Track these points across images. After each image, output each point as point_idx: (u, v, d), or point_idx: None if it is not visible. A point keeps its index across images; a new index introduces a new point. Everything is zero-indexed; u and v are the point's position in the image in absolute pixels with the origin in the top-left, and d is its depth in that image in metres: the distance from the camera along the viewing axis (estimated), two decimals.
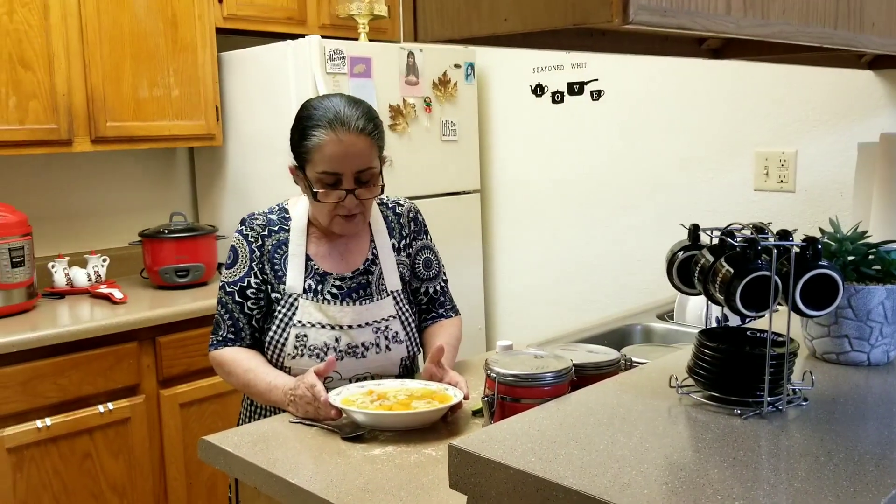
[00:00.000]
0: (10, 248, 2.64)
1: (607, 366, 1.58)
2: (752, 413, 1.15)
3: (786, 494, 0.91)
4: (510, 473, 0.98)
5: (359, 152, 1.75)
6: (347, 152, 1.74)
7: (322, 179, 1.76)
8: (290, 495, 1.39)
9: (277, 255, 1.86)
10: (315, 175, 1.77)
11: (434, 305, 2.03)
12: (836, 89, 2.59)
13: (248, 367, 1.81)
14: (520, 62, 3.45)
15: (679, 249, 1.36)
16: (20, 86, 2.69)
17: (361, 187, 1.78)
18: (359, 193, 1.78)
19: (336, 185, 1.76)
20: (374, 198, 1.83)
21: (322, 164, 1.75)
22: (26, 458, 2.46)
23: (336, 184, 1.76)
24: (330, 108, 1.76)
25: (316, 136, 1.74)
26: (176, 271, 3.03)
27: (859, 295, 1.34)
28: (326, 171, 1.75)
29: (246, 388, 1.82)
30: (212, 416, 2.86)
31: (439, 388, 1.70)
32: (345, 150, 1.74)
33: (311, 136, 1.75)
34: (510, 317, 3.69)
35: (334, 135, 1.73)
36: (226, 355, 1.85)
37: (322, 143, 1.74)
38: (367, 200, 1.81)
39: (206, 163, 3.48)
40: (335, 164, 1.74)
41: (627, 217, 3.19)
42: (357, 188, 1.77)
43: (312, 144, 1.75)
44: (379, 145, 1.80)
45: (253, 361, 1.82)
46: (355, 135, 1.74)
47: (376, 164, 1.80)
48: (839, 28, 1.31)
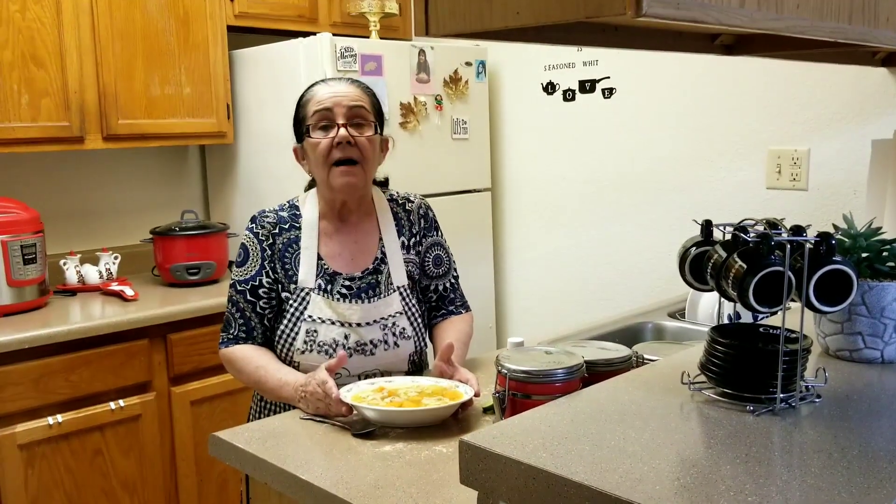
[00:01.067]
0: (23, 246, 2.66)
1: (619, 362, 1.57)
2: (764, 410, 1.14)
3: (799, 491, 0.90)
4: (521, 469, 0.98)
5: (348, 94, 1.85)
6: (336, 93, 1.84)
7: (316, 124, 1.83)
8: (301, 491, 1.39)
9: (288, 253, 1.86)
10: (310, 123, 1.83)
11: (444, 302, 2.02)
12: (850, 87, 2.57)
13: (259, 363, 1.81)
14: (531, 60, 3.44)
15: (691, 245, 1.35)
16: (33, 83, 2.71)
17: (354, 127, 1.83)
18: (351, 131, 1.81)
19: (329, 128, 1.82)
20: (369, 142, 1.84)
21: (314, 107, 1.83)
22: (38, 454, 2.47)
23: (329, 127, 1.82)
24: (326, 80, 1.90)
25: (309, 91, 1.89)
26: (187, 269, 3.03)
27: (873, 292, 1.32)
28: (318, 110, 1.82)
29: (257, 385, 1.83)
30: (222, 414, 2.86)
31: (450, 384, 1.70)
32: (334, 92, 1.85)
33: (305, 95, 1.89)
34: (521, 314, 3.68)
35: (325, 84, 1.88)
36: (236, 353, 1.85)
37: (314, 92, 1.87)
38: (365, 146, 1.83)
39: (218, 160, 3.49)
40: (326, 102, 1.83)
41: (639, 215, 3.18)
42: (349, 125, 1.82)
43: (305, 99, 1.88)
44: (372, 101, 1.88)
45: (263, 358, 1.83)
46: (346, 83, 1.88)
47: (369, 110, 1.86)
48: (853, 23, 1.30)
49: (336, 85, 1.86)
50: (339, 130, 1.80)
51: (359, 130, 1.83)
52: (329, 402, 1.63)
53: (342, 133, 1.80)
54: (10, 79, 2.66)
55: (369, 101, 1.87)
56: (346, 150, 1.80)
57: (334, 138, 1.80)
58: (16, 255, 2.63)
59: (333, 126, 1.81)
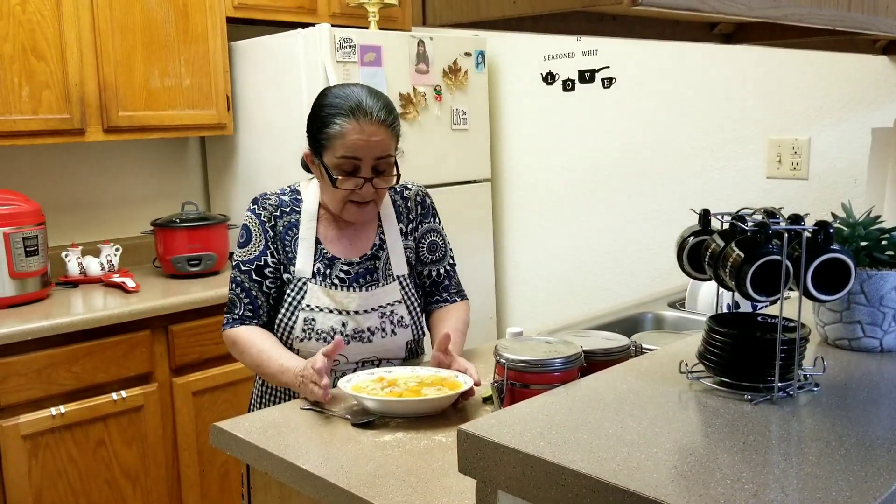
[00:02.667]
0: (24, 238, 2.66)
1: (617, 352, 1.57)
2: (762, 398, 1.15)
3: (796, 479, 0.91)
4: (519, 457, 0.98)
5: (379, 142, 1.77)
6: (369, 141, 1.76)
7: (341, 166, 1.78)
8: (302, 481, 1.40)
9: (288, 237, 1.87)
10: (334, 161, 1.78)
11: (438, 289, 2.03)
12: (851, 75, 2.56)
13: (262, 347, 1.81)
14: (530, 50, 3.44)
15: (689, 234, 1.35)
16: (33, 76, 2.71)
17: (378, 176, 1.80)
18: (375, 182, 1.80)
19: (354, 173, 1.78)
20: (388, 186, 1.85)
21: (343, 150, 1.77)
22: (41, 444, 2.48)
23: (354, 171, 1.78)
24: (352, 97, 1.78)
25: (338, 123, 1.76)
26: (188, 260, 3.04)
27: (872, 280, 1.32)
28: (346, 156, 1.77)
29: (258, 369, 1.83)
30: (224, 404, 2.87)
31: (449, 374, 1.70)
32: (366, 139, 1.76)
33: (332, 123, 1.77)
34: (521, 305, 3.69)
35: (357, 123, 1.76)
36: (241, 334, 1.85)
37: (344, 131, 1.76)
38: (382, 190, 1.83)
39: (218, 152, 3.49)
40: (356, 151, 1.76)
41: (639, 205, 3.18)
42: (374, 177, 1.79)
43: (334, 132, 1.77)
44: (396, 136, 1.83)
45: (267, 342, 1.83)
46: (376, 125, 1.77)
47: (393, 154, 1.82)
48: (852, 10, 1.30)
49: (366, 125, 1.76)
50: (363, 185, 1.79)
51: (382, 179, 1.81)
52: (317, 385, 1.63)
53: (367, 191, 1.80)
54: (10, 71, 2.66)
55: (394, 140, 1.83)
56: (365, 196, 1.81)
57: (357, 188, 1.79)
58: (18, 248, 2.64)
59: (357, 170, 1.79)
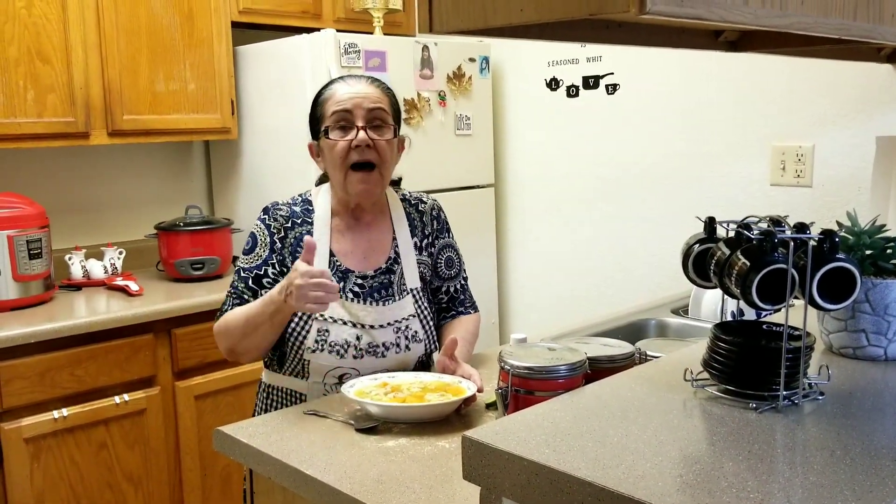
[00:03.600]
0: (28, 240, 2.67)
1: (621, 359, 1.57)
2: (767, 407, 1.15)
3: (801, 488, 0.91)
4: (524, 465, 0.98)
5: (368, 95, 1.82)
6: (357, 93, 1.82)
7: (334, 124, 1.81)
8: (305, 486, 1.40)
9: (300, 248, 1.83)
10: (328, 123, 1.81)
11: (454, 304, 2.02)
12: (855, 83, 2.56)
13: (240, 311, 1.78)
14: (535, 56, 3.44)
15: (695, 242, 1.35)
16: (38, 79, 2.71)
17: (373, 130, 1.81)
18: (370, 134, 1.80)
19: (348, 129, 1.81)
20: (387, 144, 1.82)
21: (333, 107, 1.81)
22: (43, 447, 2.48)
23: (348, 128, 1.81)
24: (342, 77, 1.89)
25: (328, 89, 1.86)
26: (191, 264, 3.04)
27: (877, 289, 1.32)
28: (337, 110, 1.80)
29: (251, 329, 1.76)
30: (226, 409, 2.87)
31: (453, 380, 1.70)
32: (354, 92, 1.82)
33: (323, 93, 1.86)
34: (524, 311, 3.69)
35: (344, 83, 1.85)
36: (222, 320, 1.81)
37: (333, 91, 1.84)
38: (383, 149, 1.81)
39: (222, 156, 3.49)
40: (346, 103, 1.80)
41: (642, 212, 3.18)
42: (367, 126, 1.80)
43: (325, 97, 1.85)
44: (392, 102, 1.87)
45: (244, 307, 1.79)
46: (366, 83, 1.85)
47: (388, 112, 1.84)
48: (858, 19, 1.30)
49: (356, 84, 1.83)
50: (357, 133, 1.78)
51: (378, 133, 1.80)
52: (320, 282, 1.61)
53: (361, 136, 1.78)
54: (15, 74, 2.66)
55: (389, 103, 1.85)
56: (364, 153, 1.79)
57: (352, 141, 1.78)
58: (21, 250, 2.64)
59: (352, 128, 1.79)
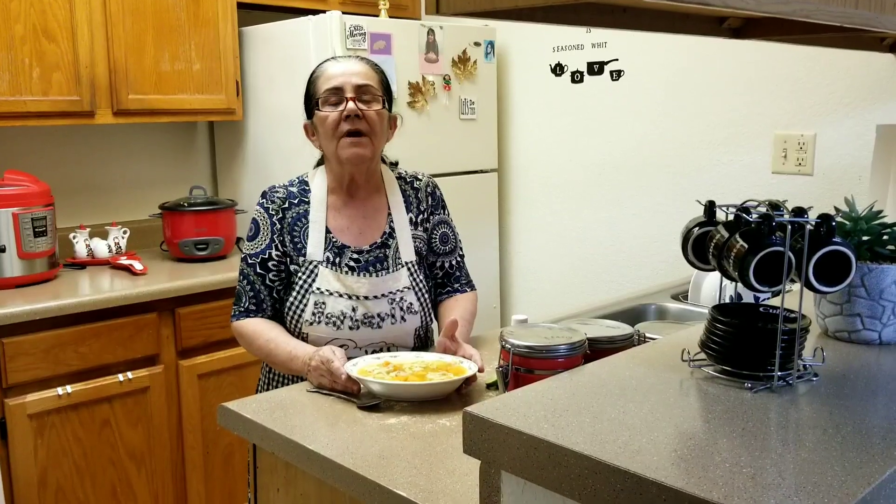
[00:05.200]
0: (33, 218, 2.69)
1: (620, 340, 1.59)
2: (762, 387, 1.17)
3: (793, 464, 0.93)
4: (523, 439, 1.00)
5: (357, 70, 1.88)
6: (346, 70, 1.89)
7: (326, 100, 1.86)
8: (308, 461, 1.43)
9: (297, 226, 1.89)
10: (320, 99, 1.87)
11: (450, 280, 2.05)
12: (857, 72, 2.57)
13: (270, 337, 1.85)
14: (539, 41, 3.45)
15: (694, 225, 1.37)
16: (44, 57, 2.72)
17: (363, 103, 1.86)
18: (360, 105, 1.85)
19: (339, 103, 1.86)
20: (377, 115, 1.87)
21: (324, 83, 1.87)
22: (47, 424, 2.51)
23: (339, 102, 1.86)
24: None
25: (319, 68, 1.93)
26: (195, 244, 3.06)
27: (873, 274, 1.34)
28: (328, 87, 1.86)
29: (268, 358, 1.87)
30: (229, 387, 2.90)
31: (454, 360, 1.73)
32: (344, 69, 1.89)
33: (315, 72, 1.93)
34: (525, 295, 3.71)
35: (335, 62, 1.92)
36: (248, 326, 1.89)
37: (324, 68, 1.91)
38: (373, 119, 1.86)
39: (226, 137, 3.50)
40: (336, 79, 1.86)
41: (644, 197, 3.20)
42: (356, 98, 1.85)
43: (316, 75, 1.92)
44: (381, 80, 1.91)
45: (274, 332, 1.86)
46: (356, 61, 1.93)
47: (377, 87, 1.89)
48: (860, 7, 1.31)
49: (346, 62, 1.90)
50: (347, 104, 1.84)
51: (367, 105, 1.86)
52: (335, 379, 1.67)
53: (350, 106, 1.84)
54: (21, 52, 2.67)
55: (378, 79, 1.91)
56: (354, 122, 1.84)
57: (343, 111, 1.84)
58: (27, 228, 2.66)
59: (342, 101, 1.85)
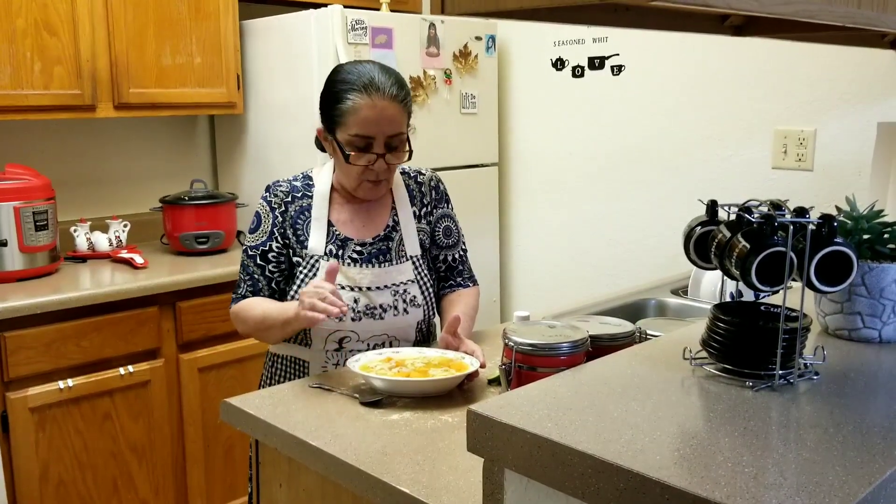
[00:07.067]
0: (34, 212, 2.69)
1: (622, 337, 1.60)
2: (763, 385, 1.17)
3: (794, 463, 0.94)
4: (527, 438, 1.01)
5: (391, 117, 1.80)
6: (381, 117, 1.78)
7: (354, 142, 1.81)
8: (310, 457, 1.43)
9: (300, 220, 1.90)
10: (347, 138, 1.81)
11: (452, 274, 2.06)
12: (858, 69, 2.58)
13: (261, 307, 1.84)
14: (541, 36, 3.45)
15: (696, 224, 1.37)
16: (45, 51, 2.72)
17: (391, 152, 1.83)
18: (388, 158, 1.82)
19: (367, 149, 1.81)
20: (400, 163, 1.87)
21: (356, 127, 1.79)
22: (48, 417, 2.52)
23: (367, 147, 1.81)
24: (364, 73, 1.80)
25: (351, 99, 1.79)
26: (196, 238, 3.06)
27: (873, 273, 1.35)
28: (359, 134, 1.79)
29: (263, 326, 1.83)
30: (230, 381, 2.91)
31: (456, 356, 1.73)
32: (378, 115, 1.78)
33: (345, 99, 1.79)
34: (525, 289, 3.72)
35: (369, 99, 1.78)
36: (240, 305, 1.89)
37: (357, 107, 1.78)
38: (394, 166, 1.86)
39: (227, 131, 3.50)
40: (369, 128, 1.79)
41: (645, 192, 3.20)
42: (387, 153, 1.82)
43: (346, 108, 1.79)
44: (408, 112, 1.85)
45: (265, 303, 1.86)
46: (389, 100, 1.79)
47: (406, 131, 1.84)
48: (863, 7, 1.32)
49: (379, 99, 1.78)
50: (377, 161, 1.81)
51: (395, 155, 1.84)
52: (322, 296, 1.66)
53: (380, 166, 1.82)
54: (23, 46, 2.67)
55: (406, 117, 1.85)
56: (379, 173, 1.83)
57: (370, 165, 1.82)
58: (28, 222, 2.67)
59: (370, 147, 1.81)
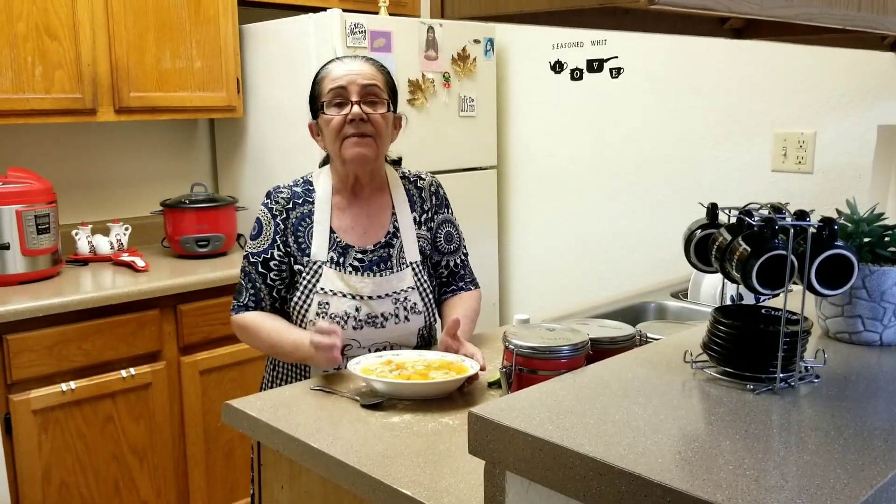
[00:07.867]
0: (36, 216, 2.69)
1: (623, 340, 1.60)
2: (764, 388, 1.18)
3: (795, 466, 0.94)
4: (528, 441, 1.01)
5: (362, 70, 1.89)
6: (351, 70, 1.89)
7: (331, 101, 1.87)
8: (311, 459, 1.44)
9: (301, 227, 1.90)
10: (325, 101, 1.87)
11: (454, 278, 2.06)
12: (857, 71, 2.58)
13: (272, 328, 1.86)
14: (539, 39, 3.45)
15: (697, 228, 1.38)
16: (46, 55, 2.72)
17: (368, 105, 1.87)
18: (364, 108, 1.85)
19: (343, 105, 1.86)
20: (382, 118, 1.88)
21: (329, 84, 1.88)
22: (51, 419, 2.52)
23: (343, 103, 1.86)
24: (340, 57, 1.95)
25: (325, 69, 1.93)
26: (196, 241, 3.07)
27: (874, 276, 1.35)
28: (333, 87, 1.86)
29: (272, 349, 1.87)
30: (231, 384, 2.91)
31: (456, 359, 1.74)
32: (349, 70, 1.89)
33: (320, 72, 1.93)
34: (525, 292, 3.72)
35: (340, 62, 1.92)
36: (248, 319, 1.90)
37: (329, 70, 1.91)
38: (378, 122, 1.87)
39: (227, 134, 3.51)
40: (341, 80, 1.87)
41: (644, 195, 3.20)
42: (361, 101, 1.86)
43: (321, 76, 1.92)
44: (386, 80, 1.92)
45: (276, 323, 1.87)
46: (360, 61, 1.93)
47: (383, 88, 1.89)
48: (862, 10, 1.32)
49: (351, 63, 1.90)
50: (352, 107, 1.84)
51: (372, 108, 1.87)
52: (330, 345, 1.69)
53: (355, 110, 1.84)
54: (24, 50, 2.68)
55: (383, 80, 1.91)
56: (359, 126, 1.85)
57: (348, 115, 1.84)
58: (30, 225, 2.67)
59: (347, 103, 1.85)
